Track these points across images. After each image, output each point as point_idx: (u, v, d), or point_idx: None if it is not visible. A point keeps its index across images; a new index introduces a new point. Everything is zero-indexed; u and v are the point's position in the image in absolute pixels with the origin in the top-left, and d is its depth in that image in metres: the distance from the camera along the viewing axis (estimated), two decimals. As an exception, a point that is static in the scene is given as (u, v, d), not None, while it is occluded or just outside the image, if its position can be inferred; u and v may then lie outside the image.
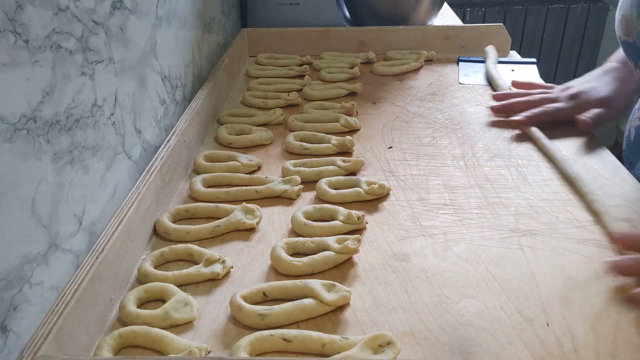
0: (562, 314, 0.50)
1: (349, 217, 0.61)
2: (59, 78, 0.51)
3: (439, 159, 0.76)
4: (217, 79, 0.93)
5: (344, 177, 0.70)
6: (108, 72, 0.61)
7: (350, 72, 1.04)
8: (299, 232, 0.61)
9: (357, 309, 0.51)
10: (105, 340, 0.47)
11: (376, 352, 0.45)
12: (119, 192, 0.63)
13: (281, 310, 0.49)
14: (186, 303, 0.51)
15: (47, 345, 0.42)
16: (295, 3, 1.22)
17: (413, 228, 0.62)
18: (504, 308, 0.51)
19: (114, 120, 0.63)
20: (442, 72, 1.07)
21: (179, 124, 0.76)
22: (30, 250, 0.46)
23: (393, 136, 0.83)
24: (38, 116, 0.47)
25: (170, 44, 0.82)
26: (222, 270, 0.55)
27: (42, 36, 0.48)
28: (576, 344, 0.46)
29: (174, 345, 0.46)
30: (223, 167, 0.74)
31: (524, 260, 0.56)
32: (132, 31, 0.68)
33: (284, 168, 0.73)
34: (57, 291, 0.50)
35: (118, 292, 0.53)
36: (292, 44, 1.16)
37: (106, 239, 0.52)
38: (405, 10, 1.21)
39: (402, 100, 0.96)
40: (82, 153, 0.55)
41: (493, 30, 1.14)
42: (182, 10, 0.87)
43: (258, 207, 0.64)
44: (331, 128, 0.84)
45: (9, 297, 0.44)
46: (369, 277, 0.55)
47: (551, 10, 2.24)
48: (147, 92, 0.73)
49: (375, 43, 1.16)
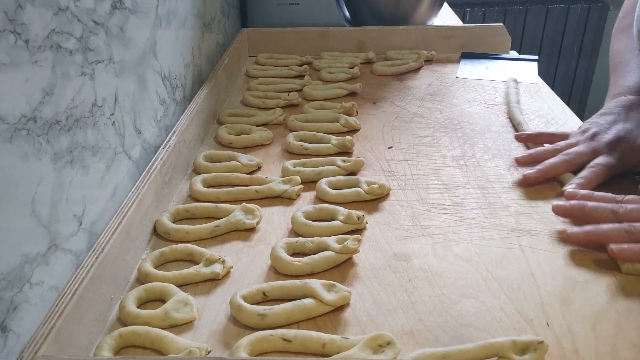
0: (562, 314, 0.50)
1: (349, 217, 0.61)
2: (59, 78, 0.51)
3: (439, 159, 0.76)
4: (217, 79, 0.93)
5: (344, 177, 0.70)
6: (108, 72, 0.61)
7: (350, 72, 1.04)
8: (299, 232, 0.61)
9: (357, 309, 0.51)
10: (105, 340, 0.47)
11: (376, 352, 0.45)
12: (119, 192, 0.63)
13: (281, 310, 0.49)
14: (186, 303, 0.51)
15: (47, 345, 0.42)
16: (295, 3, 1.22)
17: (413, 228, 0.62)
18: (504, 308, 0.51)
19: (114, 120, 0.63)
20: (442, 72, 1.07)
21: (179, 124, 0.76)
22: (30, 250, 0.46)
23: (393, 136, 0.83)
24: (38, 116, 0.47)
25: (170, 44, 0.82)
26: (222, 270, 0.55)
27: (42, 36, 0.48)
28: (576, 344, 0.46)
29: (174, 345, 0.46)
30: (223, 167, 0.74)
31: (524, 260, 0.56)
32: (132, 31, 0.68)
33: (284, 168, 0.73)
34: (57, 291, 0.50)
35: (118, 292, 0.53)
36: (292, 44, 1.16)
37: (106, 239, 0.52)
38: (405, 10, 1.21)
39: (402, 100, 0.96)
40: (82, 153, 0.55)
41: (493, 30, 1.14)
42: (182, 10, 0.87)
43: (258, 207, 0.64)
44: (331, 128, 0.84)
45: (9, 297, 0.44)
46: (369, 277, 0.55)
47: (551, 10, 2.24)
48: (147, 92, 0.73)
49: (375, 43, 1.16)
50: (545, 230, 0.61)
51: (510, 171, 0.73)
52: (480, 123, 0.86)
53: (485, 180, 0.71)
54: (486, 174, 0.72)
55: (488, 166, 0.74)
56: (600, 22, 2.28)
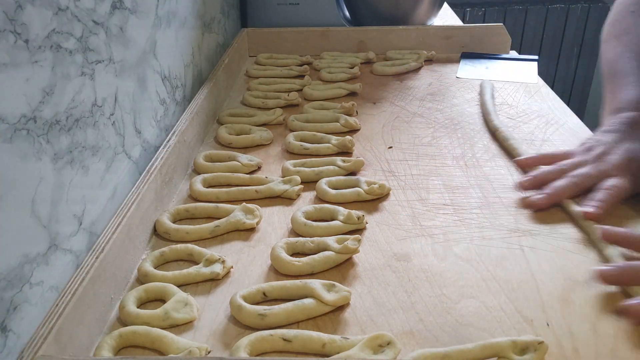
0: (562, 314, 0.50)
1: (349, 217, 0.61)
2: (59, 78, 0.51)
3: (439, 159, 0.76)
4: (217, 79, 0.93)
5: (344, 177, 0.70)
6: (108, 72, 0.61)
7: (350, 72, 1.04)
8: (299, 232, 0.61)
9: (357, 309, 0.51)
10: (105, 340, 0.47)
11: (376, 352, 0.45)
12: (119, 192, 0.63)
13: (281, 310, 0.49)
14: (186, 303, 0.51)
15: (47, 345, 0.42)
16: (295, 3, 1.22)
17: (413, 228, 0.62)
18: (504, 308, 0.51)
19: (114, 120, 0.63)
20: (442, 72, 1.07)
21: (179, 124, 0.76)
22: (30, 250, 0.46)
23: (393, 136, 0.83)
24: (38, 116, 0.47)
25: (170, 44, 0.82)
26: (222, 270, 0.55)
27: (42, 36, 0.48)
28: (576, 344, 0.46)
29: (174, 345, 0.46)
30: (223, 167, 0.74)
31: (524, 260, 0.56)
32: (132, 31, 0.68)
33: (284, 168, 0.73)
34: (57, 291, 0.50)
35: (118, 292, 0.53)
36: (292, 44, 1.16)
37: (106, 239, 0.52)
38: (405, 10, 1.21)
39: (402, 100, 0.96)
40: (82, 153, 0.55)
41: (493, 30, 1.14)
42: (182, 10, 0.87)
43: (258, 207, 0.64)
44: (331, 128, 0.84)
45: (9, 297, 0.44)
46: (369, 277, 0.55)
47: (551, 10, 2.24)
48: (147, 92, 0.73)
49: (375, 43, 1.16)
50: (545, 230, 0.61)
51: (511, 171, 0.73)
52: (480, 123, 0.86)
53: (485, 180, 0.71)
54: (486, 174, 0.72)
55: (488, 166, 0.74)
56: (600, 22, 2.27)
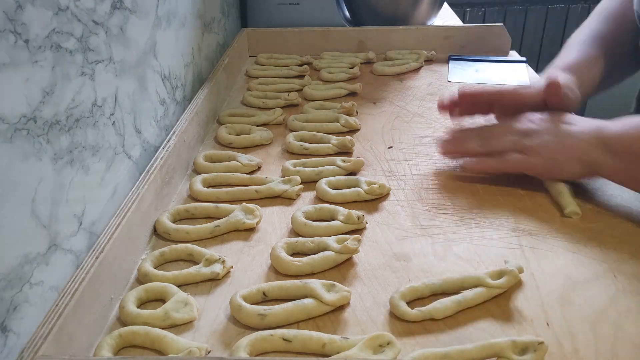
0: (562, 314, 0.50)
1: (349, 217, 0.61)
2: (59, 78, 0.51)
3: (439, 159, 0.76)
4: (217, 79, 0.93)
5: (344, 177, 0.70)
6: (108, 72, 0.61)
7: (350, 72, 1.04)
8: (299, 232, 0.61)
9: (357, 309, 0.51)
10: (105, 340, 0.47)
11: (376, 352, 0.45)
12: (119, 192, 0.63)
13: (281, 310, 0.49)
14: (186, 303, 0.51)
15: (47, 345, 0.42)
16: (295, 3, 1.22)
17: (413, 228, 0.62)
18: (503, 308, 0.51)
19: (114, 120, 0.63)
20: (442, 72, 1.07)
21: (179, 124, 0.76)
22: (30, 250, 0.46)
23: (393, 136, 0.83)
24: (38, 116, 0.47)
25: (170, 44, 0.82)
26: (222, 270, 0.55)
27: (42, 36, 0.48)
28: (576, 344, 0.46)
29: (174, 345, 0.46)
30: (223, 167, 0.74)
31: (524, 260, 0.56)
32: (132, 31, 0.68)
33: (284, 168, 0.73)
34: (57, 291, 0.50)
35: (118, 292, 0.53)
36: (292, 44, 1.16)
37: (106, 239, 0.52)
38: (405, 10, 1.21)
39: (402, 100, 0.96)
40: (82, 153, 0.55)
41: (493, 30, 1.14)
42: (182, 10, 0.87)
43: (258, 207, 0.64)
44: (331, 128, 0.84)
45: (9, 297, 0.44)
46: (369, 277, 0.55)
47: (551, 10, 2.24)
48: (147, 92, 0.73)
49: (375, 43, 1.16)
50: (545, 230, 0.61)
51: (510, 171, 0.73)
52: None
53: (486, 180, 0.71)
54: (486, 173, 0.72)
55: (488, 166, 0.74)
56: (600, 22, 2.28)
